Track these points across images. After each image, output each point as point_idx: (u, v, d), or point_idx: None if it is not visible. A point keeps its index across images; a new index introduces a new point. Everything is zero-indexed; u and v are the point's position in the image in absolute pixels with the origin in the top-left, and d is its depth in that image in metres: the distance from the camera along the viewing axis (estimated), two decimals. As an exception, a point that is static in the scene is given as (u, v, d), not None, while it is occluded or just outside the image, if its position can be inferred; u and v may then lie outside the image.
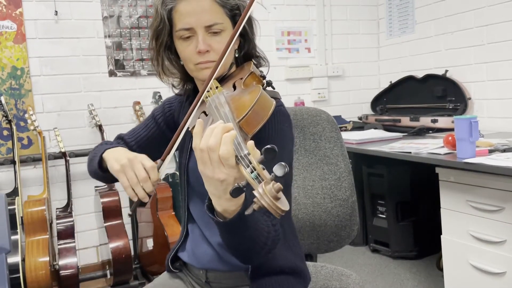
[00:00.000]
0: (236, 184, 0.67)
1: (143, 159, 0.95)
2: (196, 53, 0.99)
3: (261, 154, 0.66)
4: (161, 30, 1.03)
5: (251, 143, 0.70)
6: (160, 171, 0.96)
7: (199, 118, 0.93)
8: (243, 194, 0.75)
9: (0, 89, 2.61)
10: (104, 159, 1.04)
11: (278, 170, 0.63)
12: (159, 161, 0.97)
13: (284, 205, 0.64)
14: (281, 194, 0.64)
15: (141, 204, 0.98)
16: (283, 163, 0.64)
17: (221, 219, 0.79)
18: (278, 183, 0.63)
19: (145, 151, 1.03)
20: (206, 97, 0.93)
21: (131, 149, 1.16)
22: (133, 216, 0.84)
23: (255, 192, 0.64)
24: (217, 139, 0.72)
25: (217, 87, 0.95)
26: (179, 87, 1.16)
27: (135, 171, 0.93)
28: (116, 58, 2.88)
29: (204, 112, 0.92)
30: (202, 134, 0.75)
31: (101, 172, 1.08)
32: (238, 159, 0.70)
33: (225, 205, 0.76)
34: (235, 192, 0.67)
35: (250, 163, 0.67)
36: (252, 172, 0.66)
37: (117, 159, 0.97)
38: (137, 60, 2.94)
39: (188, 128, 0.94)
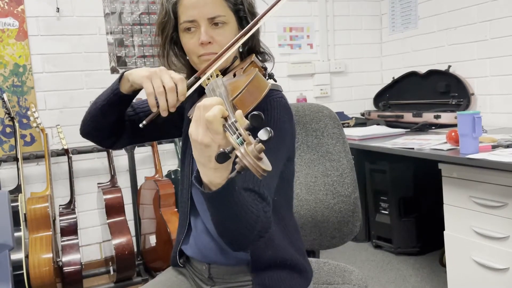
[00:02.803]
0: (221, 150, 0.67)
1: (173, 72, 0.94)
2: (199, 45, 1.01)
3: (248, 120, 0.67)
4: (166, 23, 1.05)
5: (239, 112, 0.71)
6: (189, 90, 0.94)
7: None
8: (229, 167, 0.76)
9: (3, 87, 2.61)
10: (126, 77, 1.01)
11: (263, 134, 0.64)
12: (192, 78, 0.95)
13: (266, 165, 0.64)
14: (263, 155, 0.65)
15: (157, 118, 0.94)
16: (268, 128, 0.64)
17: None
18: (260, 144, 0.64)
19: (150, 125, 1.00)
20: (206, 84, 0.94)
21: (138, 115, 1.15)
22: (147, 127, 0.82)
23: (237, 152, 0.65)
24: (212, 102, 0.73)
25: (217, 75, 0.98)
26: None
27: (163, 79, 0.92)
28: (118, 55, 2.88)
29: None
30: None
31: (114, 95, 1.04)
32: (226, 127, 0.70)
33: (210, 175, 0.76)
34: (220, 157, 0.66)
35: (237, 129, 0.68)
36: (238, 138, 0.67)
37: (145, 69, 0.95)
38: (139, 57, 2.93)
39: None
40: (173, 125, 1.21)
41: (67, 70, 2.77)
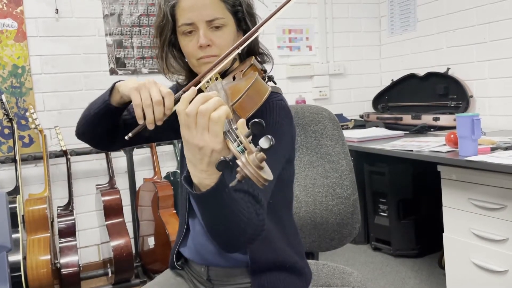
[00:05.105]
0: (222, 157, 0.67)
1: (162, 85, 0.92)
2: (198, 48, 1.00)
3: (248, 128, 0.67)
4: (164, 26, 1.04)
5: (241, 120, 0.70)
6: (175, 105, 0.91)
7: None
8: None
9: (1, 88, 2.61)
10: (116, 88, 0.99)
11: (264, 142, 0.64)
12: (180, 92, 0.92)
13: (267, 174, 0.64)
14: (264, 164, 0.65)
15: (144, 130, 0.92)
16: (269, 136, 0.64)
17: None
18: (262, 153, 0.64)
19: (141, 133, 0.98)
20: (206, 88, 0.93)
21: (127, 121, 1.14)
22: (131, 140, 0.78)
23: (238, 162, 0.65)
24: (209, 106, 0.71)
25: (216, 78, 0.97)
26: (183, 84, 1.16)
27: (150, 91, 0.90)
28: (117, 56, 2.88)
29: None
30: (190, 100, 0.75)
31: (105, 106, 1.02)
32: (226, 134, 0.70)
33: (200, 176, 0.75)
34: (220, 165, 0.67)
35: (238, 137, 0.68)
36: (238, 145, 0.67)
37: (134, 81, 0.94)
38: (138, 58, 2.93)
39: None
40: (170, 129, 1.19)
41: (66, 72, 2.77)
